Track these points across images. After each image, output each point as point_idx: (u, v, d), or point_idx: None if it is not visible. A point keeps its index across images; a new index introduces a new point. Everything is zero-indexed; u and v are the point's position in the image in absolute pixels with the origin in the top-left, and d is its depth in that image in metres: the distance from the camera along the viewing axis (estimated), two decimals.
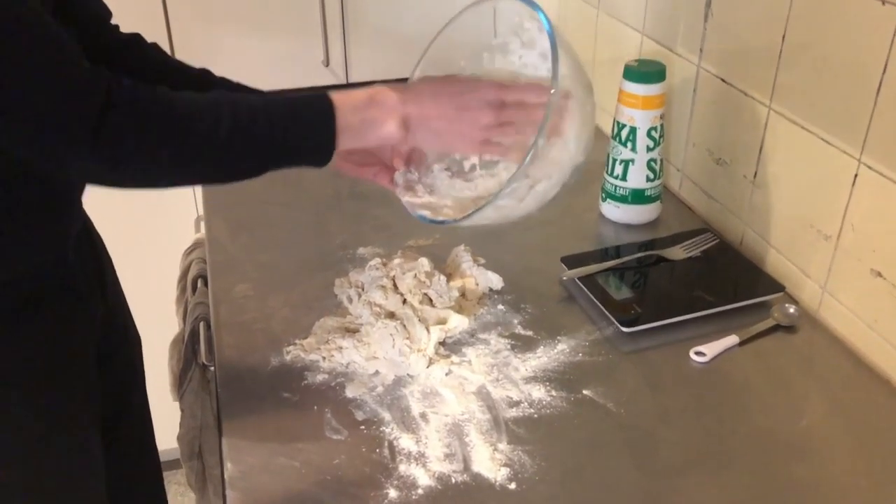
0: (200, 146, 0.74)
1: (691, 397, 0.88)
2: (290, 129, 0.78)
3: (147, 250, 1.63)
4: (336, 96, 0.80)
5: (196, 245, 1.31)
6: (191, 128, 0.73)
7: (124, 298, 1.10)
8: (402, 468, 0.79)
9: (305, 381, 0.90)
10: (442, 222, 0.86)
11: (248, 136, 0.76)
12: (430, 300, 0.98)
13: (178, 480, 1.85)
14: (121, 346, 1.07)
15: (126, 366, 1.09)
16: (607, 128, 1.39)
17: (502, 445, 0.81)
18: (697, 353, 0.93)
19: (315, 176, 0.85)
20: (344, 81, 1.67)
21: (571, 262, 1.07)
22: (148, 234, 1.66)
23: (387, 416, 0.85)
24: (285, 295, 1.04)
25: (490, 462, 0.79)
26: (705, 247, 1.09)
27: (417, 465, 0.79)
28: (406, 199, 0.91)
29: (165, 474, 1.26)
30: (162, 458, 1.22)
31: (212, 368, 1.00)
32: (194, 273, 1.24)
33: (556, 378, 0.90)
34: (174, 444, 1.18)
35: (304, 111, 0.80)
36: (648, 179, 1.15)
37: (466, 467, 0.79)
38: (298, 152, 0.80)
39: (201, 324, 1.09)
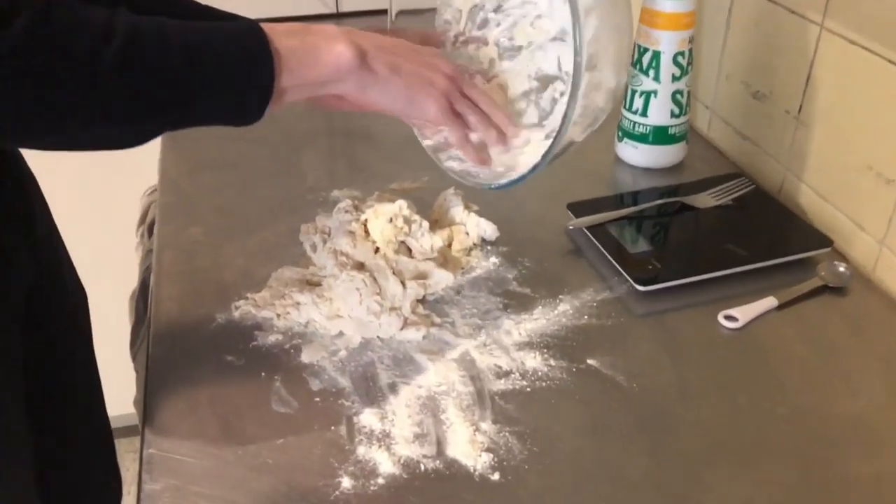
0: (76, 71, 0.54)
1: (719, 370, 0.72)
2: (211, 57, 0.60)
3: (105, 193, 1.48)
4: (265, 24, 0.64)
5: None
6: (66, 47, 0.54)
7: (64, 253, 0.95)
8: (361, 451, 0.64)
9: (254, 343, 0.75)
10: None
11: (151, 65, 0.57)
12: (409, 250, 0.82)
13: (137, 448, 1.72)
14: (58, 308, 0.92)
15: (66, 328, 0.94)
16: None
17: (486, 425, 0.66)
18: (728, 318, 0.77)
19: (291, 108, 0.69)
20: (334, 11, 1.50)
21: (579, 209, 0.91)
22: (105, 174, 1.50)
23: (348, 385, 0.70)
24: (242, 242, 0.89)
25: (469, 446, 0.64)
26: (738, 193, 0.93)
27: (380, 447, 0.65)
28: (426, 141, 0.76)
29: (124, 441, 1.12)
30: (121, 424, 1.09)
31: None
32: (152, 217, 1.10)
33: (555, 344, 0.74)
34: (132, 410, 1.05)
35: (227, 34, 0.62)
36: (673, 115, 0.98)
37: (440, 451, 0.64)
38: (223, 91, 0.61)
39: (152, 274, 0.95)
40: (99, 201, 1.54)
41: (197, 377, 0.72)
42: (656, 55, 0.95)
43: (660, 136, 0.99)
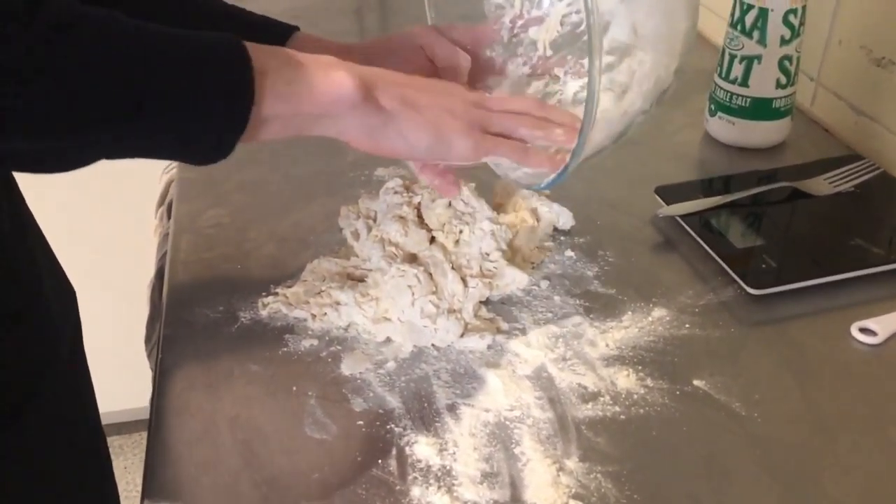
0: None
1: (859, 396, 0.58)
2: (172, 64, 0.47)
3: (120, 169, 1.35)
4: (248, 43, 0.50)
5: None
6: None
7: (40, 242, 0.80)
8: (416, 493, 0.51)
9: (285, 349, 0.62)
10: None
11: (86, 59, 0.44)
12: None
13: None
14: (32, 305, 0.77)
15: (43, 327, 0.79)
16: (709, 25, 1.07)
17: (571, 463, 0.53)
18: (863, 331, 0.63)
19: None
20: None
21: (670, 194, 0.77)
22: None
23: (398, 406, 0.57)
24: (272, 226, 0.75)
25: (552, 490, 0.51)
26: (860, 179, 0.78)
27: (439, 488, 0.51)
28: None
29: (124, 438, 1.00)
30: (119, 419, 0.96)
31: None
32: (172, 196, 0.97)
33: (651, 360, 0.60)
34: (137, 405, 0.92)
35: (198, 41, 0.48)
36: (779, 85, 0.83)
37: (515, 496, 0.51)
38: (183, 110, 0.47)
39: (167, 263, 0.82)
40: (114, 178, 1.42)
41: (215, 392, 0.59)
42: (763, 13, 0.80)
43: (761, 109, 0.84)
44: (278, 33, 0.71)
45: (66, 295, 0.79)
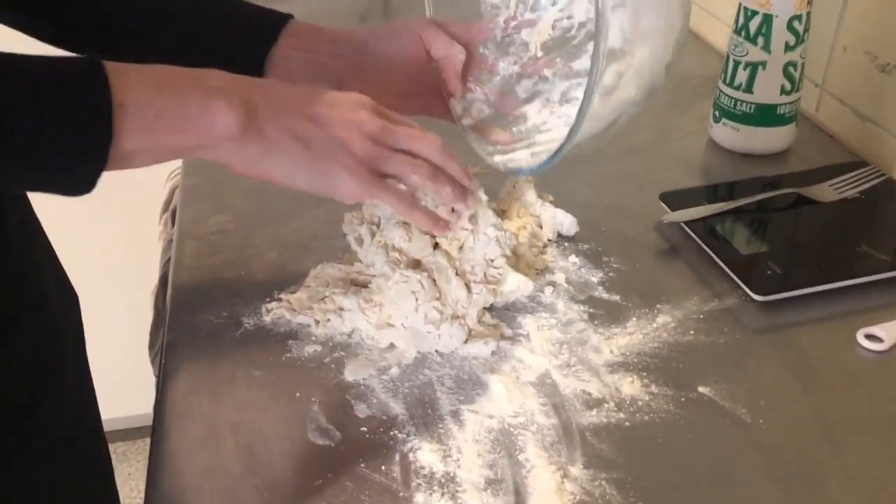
0: None
1: (866, 404, 0.58)
2: (16, 101, 0.44)
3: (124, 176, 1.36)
4: (116, 65, 0.48)
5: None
6: None
7: (44, 246, 0.79)
8: (420, 499, 0.51)
9: (288, 355, 0.62)
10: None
11: None
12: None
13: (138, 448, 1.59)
14: (35, 310, 0.76)
15: (47, 332, 0.78)
16: (714, 32, 1.07)
17: (575, 470, 0.52)
18: (870, 338, 0.62)
19: None
20: None
21: (674, 200, 0.77)
22: None
23: (401, 412, 0.57)
24: (276, 231, 0.75)
25: (556, 496, 0.51)
26: (865, 185, 0.78)
27: (443, 495, 0.51)
28: (469, 128, 0.63)
29: (128, 444, 1.00)
30: (123, 426, 0.96)
31: None
32: (176, 203, 0.97)
33: (656, 366, 0.60)
34: (140, 411, 0.92)
35: (52, 70, 0.46)
36: (784, 91, 0.83)
37: (519, 503, 0.50)
38: (30, 150, 0.45)
39: (171, 269, 0.82)
40: (119, 185, 1.42)
41: (218, 397, 0.59)
42: (767, 19, 0.80)
43: (766, 116, 0.84)
44: (271, 23, 0.70)
45: (68, 300, 0.78)
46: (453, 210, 0.64)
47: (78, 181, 0.47)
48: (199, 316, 0.66)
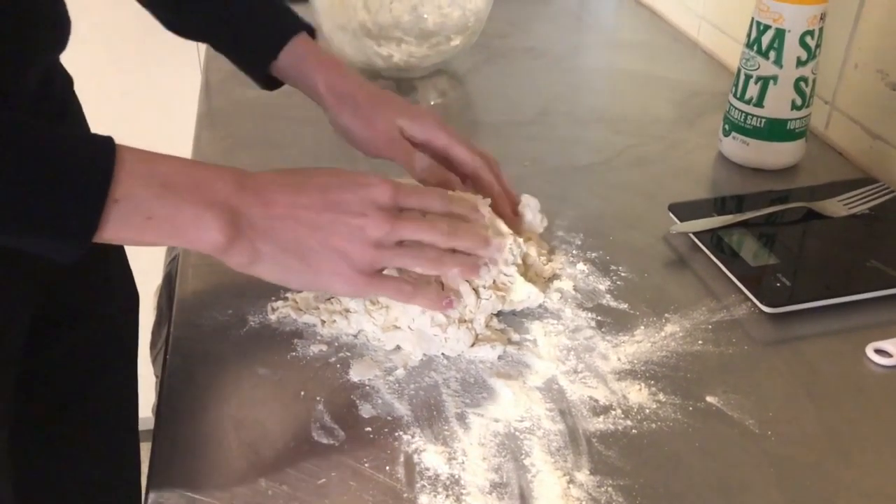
0: None
1: (875, 418, 0.57)
2: (14, 174, 0.46)
3: None
4: (129, 154, 0.49)
5: None
6: None
7: (115, 258, 0.83)
8: (424, 500, 0.50)
9: (293, 354, 0.62)
10: None
11: None
12: None
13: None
14: (97, 305, 0.80)
15: (104, 331, 0.82)
16: (724, 48, 1.07)
17: (581, 476, 0.52)
18: (878, 352, 0.62)
19: None
20: None
21: (683, 211, 0.76)
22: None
23: (406, 414, 0.56)
24: None
25: (562, 501, 0.50)
26: (875, 202, 0.77)
27: (447, 496, 0.50)
28: None
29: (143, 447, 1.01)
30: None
31: None
32: None
33: (664, 375, 0.60)
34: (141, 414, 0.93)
35: (59, 153, 0.48)
36: (794, 107, 0.83)
37: None
38: (24, 222, 0.47)
39: (177, 266, 0.82)
40: None
41: (222, 394, 0.58)
42: (779, 34, 0.80)
43: (776, 130, 0.84)
44: (282, 29, 0.74)
45: (132, 298, 0.83)
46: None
47: (61, 254, 0.49)
48: (205, 313, 0.66)
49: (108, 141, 0.49)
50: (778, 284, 0.67)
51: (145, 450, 0.93)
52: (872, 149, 0.87)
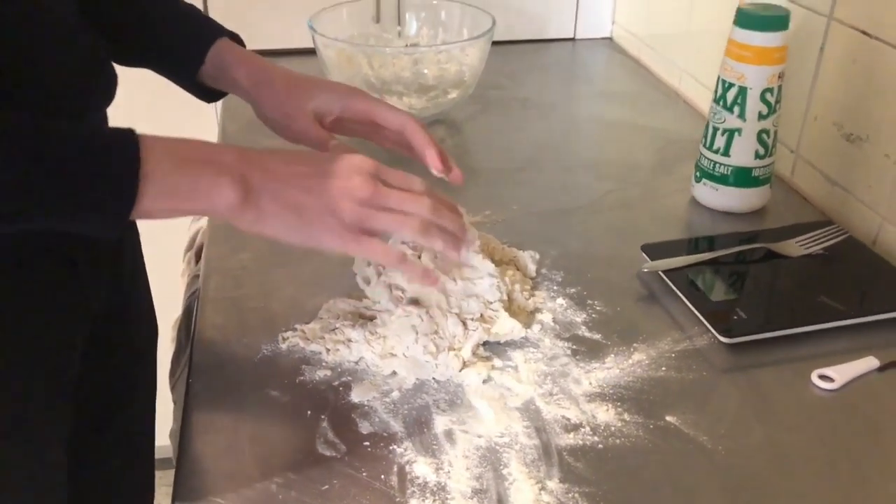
0: None
1: (816, 436, 0.64)
2: (61, 165, 0.54)
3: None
4: (151, 138, 0.58)
5: None
6: None
7: (144, 290, 0.92)
8: None
9: (301, 378, 0.69)
10: None
11: None
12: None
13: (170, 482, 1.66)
14: (129, 336, 0.88)
15: (131, 359, 0.90)
16: (702, 98, 1.16)
17: (552, 483, 0.59)
18: (822, 378, 0.69)
19: None
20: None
21: (654, 251, 0.84)
22: None
23: (400, 430, 0.64)
24: (293, 270, 0.83)
25: None
26: (828, 242, 0.85)
27: (434, 501, 0.58)
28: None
29: (158, 473, 1.07)
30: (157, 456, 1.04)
31: None
32: (200, 242, 1.06)
33: (630, 397, 0.67)
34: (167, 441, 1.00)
35: (93, 144, 0.57)
36: (758, 156, 0.91)
37: None
38: (67, 209, 0.55)
39: (197, 301, 0.90)
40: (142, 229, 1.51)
41: (238, 412, 0.66)
42: (742, 91, 0.89)
43: (742, 178, 0.92)
44: (205, 36, 0.82)
45: (153, 328, 0.92)
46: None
47: (106, 229, 0.57)
48: (223, 342, 0.74)
49: (130, 130, 0.58)
50: (736, 318, 0.74)
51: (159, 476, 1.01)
52: (831, 194, 0.95)
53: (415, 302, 0.73)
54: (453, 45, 1.14)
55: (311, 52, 1.15)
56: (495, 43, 1.17)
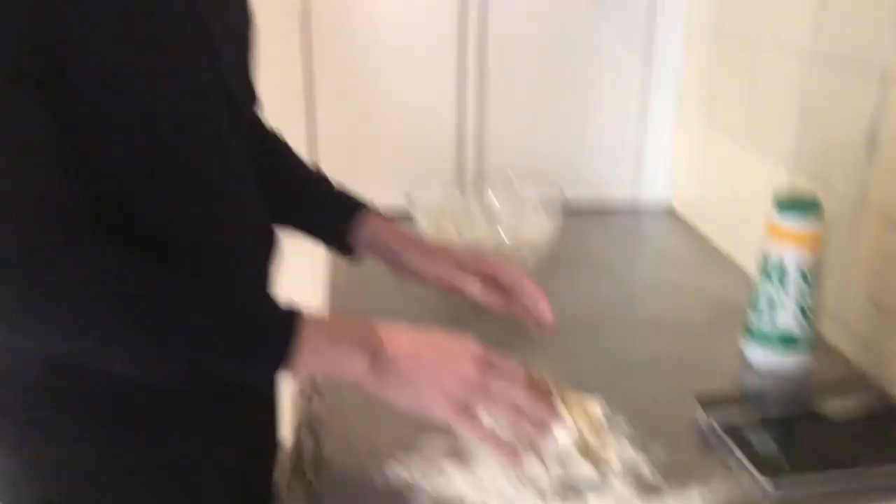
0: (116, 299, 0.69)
1: None
2: (236, 326, 0.74)
3: None
4: (311, 317, 0.76)
5: None
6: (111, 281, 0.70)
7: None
8: None
9: None
10: None
11: (178, 317, 0.71)
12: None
13: None
14: (264, 468, 1.05)
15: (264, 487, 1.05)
16: (748, 260, 1.30)
17: None
18: None
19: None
20: None
21: (709, 402, 0.97)
22: None
23: None
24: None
25: None
26: (871, 406, 0.96)
27: None
28: None
29: None
30: None
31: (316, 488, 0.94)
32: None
33: None
34: None
35: (264, 311, 0.76)
36: (799, 323, 1.04)
37: None
38: (242, 364, 0.75)
39: (303, 430, 1.05)
40: None
41: None
42: (782, 267, 1.03)
43: (785, 342, 1.05)
44: (347, 208, 1.04)
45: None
46: None
47: (263, 382, 0.78)
48: (343, 476, 0.87)
49: (295, 308, 0.76)
50: (783, 470, 0.85)
51: None
52: (869, 358, 1.06)
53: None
54: (528, 215, 1.32)
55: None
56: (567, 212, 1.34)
